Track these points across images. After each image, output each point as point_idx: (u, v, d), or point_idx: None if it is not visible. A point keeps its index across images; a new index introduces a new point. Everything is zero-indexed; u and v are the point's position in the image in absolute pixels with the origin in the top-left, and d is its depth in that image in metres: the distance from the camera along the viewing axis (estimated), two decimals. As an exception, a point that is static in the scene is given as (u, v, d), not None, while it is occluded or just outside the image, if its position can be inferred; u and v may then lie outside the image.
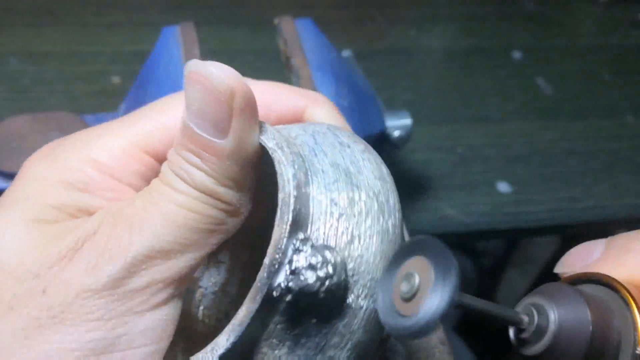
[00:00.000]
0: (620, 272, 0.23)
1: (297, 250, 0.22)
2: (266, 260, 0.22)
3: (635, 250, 0.23)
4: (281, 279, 0.22)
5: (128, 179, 0.26)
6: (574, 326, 0.20)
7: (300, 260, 0.22)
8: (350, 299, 0.23)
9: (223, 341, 0.22)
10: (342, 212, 0.23)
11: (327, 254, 0.22)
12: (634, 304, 0.21)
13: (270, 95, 0.30)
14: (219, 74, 0.23)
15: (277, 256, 0.22)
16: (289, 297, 0.22)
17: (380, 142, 0.55)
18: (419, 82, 0.77)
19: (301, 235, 0.22)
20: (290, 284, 0.22)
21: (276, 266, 0.22)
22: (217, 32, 0.77)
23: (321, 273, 0.22)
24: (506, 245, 1.17)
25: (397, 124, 0.55)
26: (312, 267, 0.22)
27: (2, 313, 0.23)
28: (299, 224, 0.22)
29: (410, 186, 0.63)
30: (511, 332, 0.22)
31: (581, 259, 0.25)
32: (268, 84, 0.31)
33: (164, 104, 0.28)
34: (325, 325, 0.23)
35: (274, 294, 0.22)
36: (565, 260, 0.26)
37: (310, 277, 0.21)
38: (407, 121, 0.55)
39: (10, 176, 0.45)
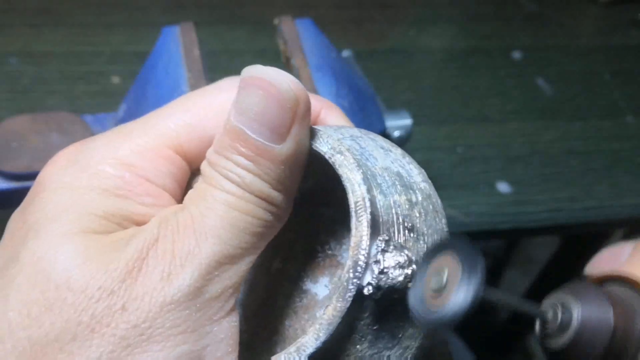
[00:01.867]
0: None
1: (382, 251, 0.23)
2: (349, 262, 0.23)
3: None
4: (369, 278, 0.23)
5: (162, 179, 0.25)
6: (596, 324, 0.21)
7: (387, 260, 0.23)
8: None
9: (311, 341, 0.23)
10: (406, 214, 0.24)
11: (407, 252, 0.23)
12: None
13: None
14: (285, 81, 0.23)
15: (362, 257, 0.23)
16: (378, 295, 0.23)
17: (380, 142, 0.55)
18: (418, 82, 0.77)
19: (385, 236, 0.23)
20: (380, 282, 0.23)
21: (363, 266, 0.23)
22: (217, 32, 0.77)
23: (408, 270, 0.23)
24: (506, 245, 1.17)
25: (397, 124, 0.55)
26: (400, 265, 0.23)
27: (84, 336, 0.21)
28: (376, 226, 0.23)
29: (410, 186, 0.63)
30: (537, 326, 0.23)
31: (610, 260, 0.26)
32: None
33: (187, 101, 0.27)
34: (402, 318, 0.24)
35: (365, 292, 0.23)
36: (595, 262, 0.26)
37: (399, 275, 0.23)
38: (407, 121, 0.55)
39: (10, 176, 0.45)
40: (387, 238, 0.23)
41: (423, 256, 0.23)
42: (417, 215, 0.25)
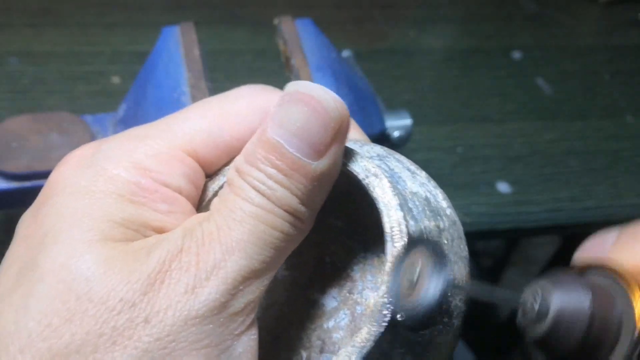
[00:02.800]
0: (630, 259, 0.23)
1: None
2: (384, 287, 0.23)
3: None
4: (403, 304, 0.23)
5: (177, 182, 0.25)
6: (573, 311, 0.21)
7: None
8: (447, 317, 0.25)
9: None
10: (436, 240, 0.25)
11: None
12: (635, 291, 0.22)
13: None
14: (332, 100, 0.23)
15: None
16: (410, 322, 0.23)
17: (380, 142, 0.55)
18: (418, 82, 0.77)
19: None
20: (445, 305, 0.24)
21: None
22: (217, 32, 0.77)
23: (457, 291, 0.24)
24: (506, 245, 1.17)
25: (397, 124, 0.55)
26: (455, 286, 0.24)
27: (106, 348, 0.21)
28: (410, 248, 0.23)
29: (410, 186, 0.63)
30: (518, 314, 0.23)
31: (595, 248, 0.26)
32: None
33: (205, 106, 0.27)
34: (427, 341, 0.25)
35: (399, 319, 0.23)
36: (581, 250, 0.26)
37: (457, 295, 0.24)
38: (407, 121, 0.55)
39: (10, 176, 0.45)
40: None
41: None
42: (445, 242, 0.25)
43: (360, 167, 0.25)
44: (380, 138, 0.55)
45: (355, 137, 0.30)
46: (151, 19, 0.78)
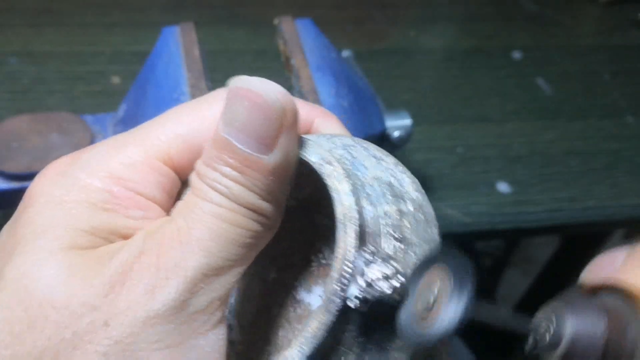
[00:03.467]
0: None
1: (368, 263, 0.23)
2: (334, 274, 0.22)
3: None
4: (355, 291, 0.22)
5: (152, 192, 0.25)
6: (588, 337, 0.21)
7: (374, 272, 0.22)
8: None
9: (295, 354, 0.22)
10: (396, 224, 0.24)
11: (395, 264, 0.23)
12: None
13: None
14: (271, 90, 0.22)
15: (347, 269, 0.22)
16: (364, 308, 0.22)
17: (380, 142, 0.55)
18: (418, 82, 0.77)
19: (371, 248, 0.23)
20: (366, 294, 0.22)
21: (348, 279, 0.22)
22: (217, 32, 0.78)
23: (395, 282, 0.22)
24: (506, 245, 1.17)
25: (397, 124, 0.55)
26: (386, 277, 0.22)
27: (67, 354, 0.21)
28: (363, 237, 0.23)
29: (410, 186, 0.63)
30: (529, 341, 0.22)
31: (605, 267, 0.25)
32: None
33: (180, 112, 0.27)
34: (390, 330, 0.24)
35: (351, 305, 0.22)
36: (589, 269, 0.26)
37: (386, 288, 0.22)
38: (407, 121, 0.55)
39: (10, 176, 0.45)
40: (373, 249, 0.23)
41: (412, 272, 0.22)
42: (408, 225, 0.25)
43: (317, 157, 0.24)
44: (380, 138, 0.55)
45: (335, 130, 0.30)
46: (151, 19, 0.78)
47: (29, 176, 0.45)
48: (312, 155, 0.25)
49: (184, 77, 0.46)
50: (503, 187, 0.66)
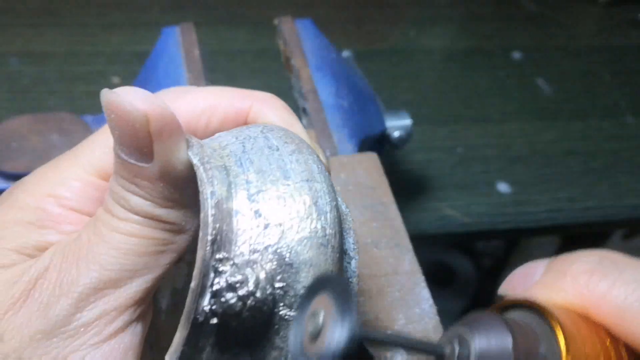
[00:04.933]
0: (557, 296, 0.23)
1: (218, 272, 0.21)
2: (192, 284, 0.21)
3: (572, 275, 0.23)
4: (205, 303, 0.21)
5: (86, 207, 0.26)
6: (496, 354, 0.20)
7: (220, 282, 0.21)
8: (283, 310, 0.23)
9: None
10: (268, 223, 0.23)
11: (248, 270, 0.22)
12: (560, 329, 0.21)
13: (210, 101, 0.29)
14: (129, 101, 0.22)
15: (199, 280, 0.21)
16: (214, 321, 0.21)
17: (380, 142, 0.55)
18: (418, 82, 0.77)
19: (221, 255, 0.22)
20: (215, 307, 0.21)
21: (200, 290, 0.21)
22: (217, 32, 0.78)
23: (242, 292, 0.21)
24: (506, 245, 1.17)
25: (397, 124, 0.55)
26: (231, 287, 0.21)
27: None
28: (221, 243, 0.22)
29: (410, 186, 0.63)
30: None
31: (522, 281, 0.25)
32: (209, 89, 0.29)
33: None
34: (260, 342, 0.23)
35: (199, 319, 0.21)
36: (507, 283, 0.26)
37: (231, 298, 0.21)
38: (407, 121, 0.55)
39: (10, 176, 0.45)
40: (223, 257, 0.22)
41: (298, 301, 0.21)
42: (282, 222, 0.23)
43: (197, 158, 0.23)
44: (380, 138, 0.55)
45: (275, 115, 0.29)
46: (151, 19, 0.78)
47: (29, 176, 0.45)
48: (194, 158, 0.23)
49: (184, 77, 0.46)
50: (503, 187, 0.66)
